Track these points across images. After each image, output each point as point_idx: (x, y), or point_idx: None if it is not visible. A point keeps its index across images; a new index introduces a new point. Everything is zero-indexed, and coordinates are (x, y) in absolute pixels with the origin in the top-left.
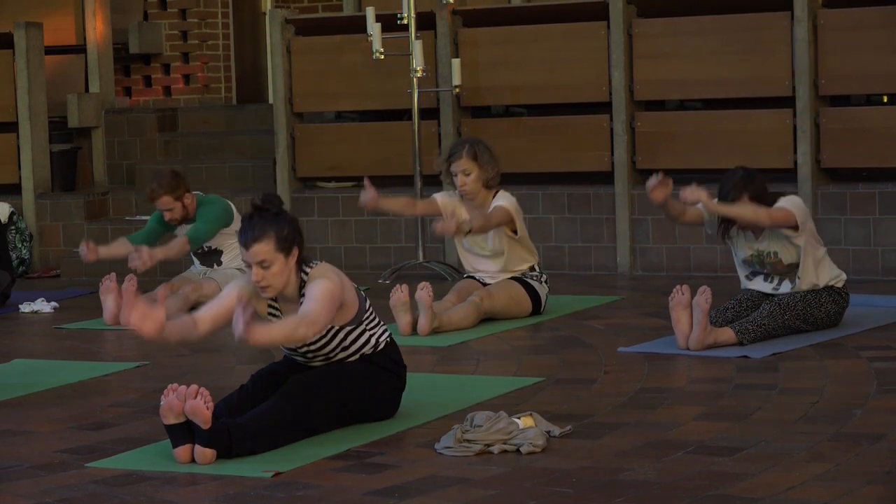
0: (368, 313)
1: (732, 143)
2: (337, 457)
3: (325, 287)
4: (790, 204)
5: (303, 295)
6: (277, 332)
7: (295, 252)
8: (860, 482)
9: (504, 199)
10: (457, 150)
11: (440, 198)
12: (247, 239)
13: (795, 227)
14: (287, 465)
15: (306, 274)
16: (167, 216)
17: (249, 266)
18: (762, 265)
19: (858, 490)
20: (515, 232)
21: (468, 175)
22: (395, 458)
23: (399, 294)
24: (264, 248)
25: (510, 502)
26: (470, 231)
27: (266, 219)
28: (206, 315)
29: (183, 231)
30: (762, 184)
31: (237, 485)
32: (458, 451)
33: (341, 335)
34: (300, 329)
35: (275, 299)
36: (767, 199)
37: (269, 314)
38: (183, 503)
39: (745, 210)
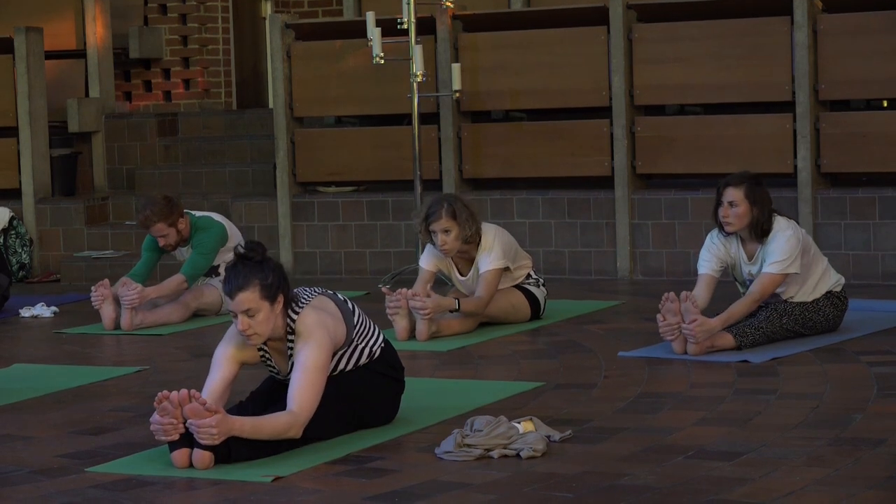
0: (359, 327)
1: (732, 148)
2: (337, 461)
3: (314, 359)
4: (778, 252)
5: (290, 340)
6: (266, 430)
7: (280, 299)
8: (860, 487)
9: (490, 258)
10: (435, 209)
11: (427, 265)
12: (231, 288)
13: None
14: (287, 470)
15: (293, 320)
16: (161, 242)
17: (235, 315)
18: None
19: (858, 495)
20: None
21: (448, 234)
22: (395, 462)
23: (397, 300)
24: (249, 296)
25: None
26: (458, 309)
27: (250, 267)
28: (216, 397)
29: (180, 255)
30: (764, 192)
31: (237, 489)
32: (458, 455)
33: (333, 361)
34: (290, 431)
35: (264, 343)
36: (767, 212)
37: (262, 358)
38: None
39: (741, 309)
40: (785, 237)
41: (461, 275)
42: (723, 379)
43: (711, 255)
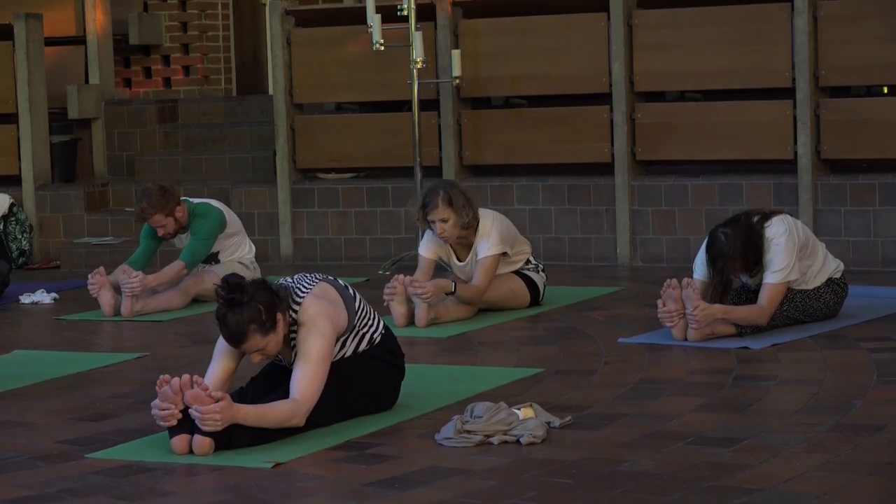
0: (360, 313)
1: (732, 135)
2: (337, 447)
3: (317, 349)
4: (777, 261)
5: (293, 332)
6: (270, 418)
7: (279, 318)
8: (860, 473)
9: (488, 244)
10: (431, 198)
11: (427, 253)
12: (232, 339)
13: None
14: (287, 456)
15: (295, 311)
16: (160, 232)
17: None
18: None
19: (858, 481)
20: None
21: (446, 222)
22: (395, 448)
23: (394, 286)
24: (252, 342)
25: (510, 493)
26: (454, 292)
27: (241, 313)
28: (216, 388)
29: (180, 242)
30: (748, 234)
31: (237, 475)
32: (458, 442)
33: (335, 347)
34: (293, 420)
35: None
36: (758, 242)
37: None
38: (183, 494)
39: (747, 315)
40: (781, 247)
41: (459, 260)
42: (723, 365)
43: (707, 267)
